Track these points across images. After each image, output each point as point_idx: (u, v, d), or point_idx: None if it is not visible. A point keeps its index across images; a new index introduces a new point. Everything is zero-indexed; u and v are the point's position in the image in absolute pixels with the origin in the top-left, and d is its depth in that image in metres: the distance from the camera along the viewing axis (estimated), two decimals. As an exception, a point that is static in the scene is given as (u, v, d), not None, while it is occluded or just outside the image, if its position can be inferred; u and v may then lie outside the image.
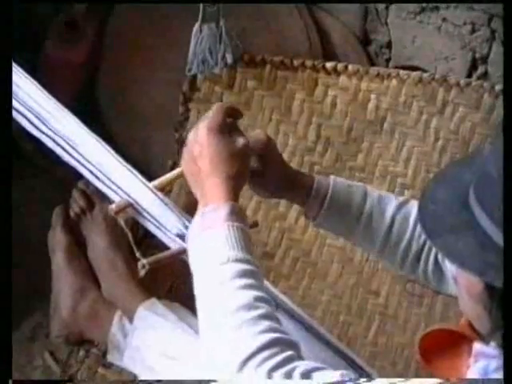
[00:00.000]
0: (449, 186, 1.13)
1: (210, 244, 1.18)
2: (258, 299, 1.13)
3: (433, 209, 1.11)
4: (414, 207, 1.40)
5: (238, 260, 1.15)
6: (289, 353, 1.08)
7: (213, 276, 1.16)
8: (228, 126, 1.29)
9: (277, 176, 1.38)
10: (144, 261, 1.32)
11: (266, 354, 1.07)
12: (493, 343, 1.17)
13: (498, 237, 1.03)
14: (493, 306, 1.07)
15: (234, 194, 1.23)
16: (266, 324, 1.10)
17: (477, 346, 1.17)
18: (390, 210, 1.39)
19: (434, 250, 1.39)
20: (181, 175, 1.43)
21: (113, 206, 1.37)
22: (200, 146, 1.25)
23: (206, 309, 1.15)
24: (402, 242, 1.39)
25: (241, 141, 1.28)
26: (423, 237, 1.38)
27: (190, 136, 1.28)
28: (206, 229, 1.19)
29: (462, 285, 1.12)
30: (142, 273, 1.33)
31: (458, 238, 1.05)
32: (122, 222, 1.36)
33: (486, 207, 1.04)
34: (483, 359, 1.16)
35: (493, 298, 1.06)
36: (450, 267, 1.38)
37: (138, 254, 1.34)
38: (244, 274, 1.14)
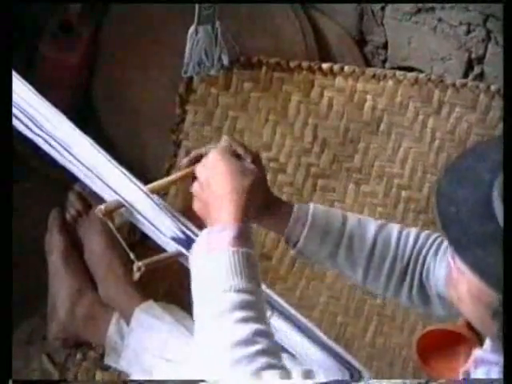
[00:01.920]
0: (467, 184, 1.09)
1: (213, 268, 1.17)
2: (257, 333, 1.11)
3: (453, 211, 1.06)
4: (394, 229, 1.38)
5: (240, 290, 1.14)
6: None
7: (213, 305, 1.14)
8: (236, 153, 1.31)
9: (260, 195, 1.33)
10: (139, 263, 1.32)
11: None
12: (488, 342, 1.16)
13: None
14: (501, 312, 1.05)
15: (242, 215, 1.21)
16: (263, 361, 1.09)
17: (477, 352, 1.16)
18: (370, 231, 1.37)
19: (418, 271, 1.37)
20: (176, 180, 1.43)
21: (101, 208, 1.36)
22: (208, 169, 1.26)
23: (205, 339, 1.14)
24: (385, 263, 1.37)
25: (250, 164, 1.30)
26: (406, 257, 1.37)
27: (198, 167, 1.29)
28: (210, 250, 1.18)
29: (473, 294, 1.09)
30: (136, 275, 1.32)
31: (487, 253, 1.02)
32: (111, 224, 1.36)
33: None
34: (484, 365, 1.14)
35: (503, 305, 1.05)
36: (434, 285, 1.37)
37: (132, 256, 1.33)
38: (245, 306, 1.13)
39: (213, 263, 1.17)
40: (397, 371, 1.94)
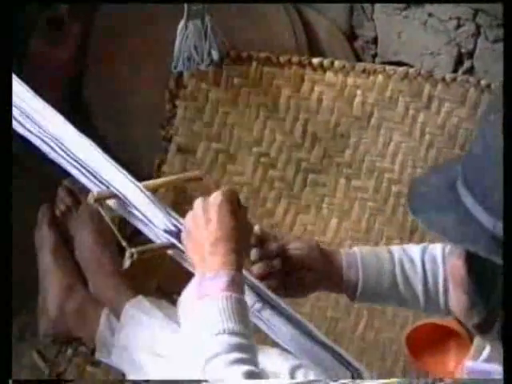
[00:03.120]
0: (440, 173, 1.15)
1: (205, 313, 1.17)
2: (251, 375, 1.12)
3: (422, 191, 1.12)
4: (437, 247, 1.40)
5: (233, 333, 1.14)
6: None
7: (207, 346, 1.14)
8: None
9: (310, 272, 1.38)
10: (132, 250, 1.31)
11: None
12: (486, 351, 1.16)
13: (480, 215, 1.03)
14: (476, 295, 1.07)
15: (237, 263, 1.21)
16: None
17: (468, 363, 1.17)
18: (416, 253, 1.39)
19: None
20: (170, 183, 1.42)
21: (94, 193, 1.36)
22: (213, 206, 1.25)
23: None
24: (439, 280, 1.37)
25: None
26: None
27: (198, 204, 1.27)
28: (202, 296, 1.18)
29: (454, 279, 1.12)
30: (127, 263, 1.31)
31: (442, 215, 1.07)
32: (102, 211, 1.35)
33: (470, 186, 1.05)
34: (476, 376, 1.15)
35: (476, 285, 1.07)
36: None
37: (124, 244, 1.32)
38: (239, 348, 1.14)
39: (205, 307, 1.17)
40: (388, 365, 1.94)
